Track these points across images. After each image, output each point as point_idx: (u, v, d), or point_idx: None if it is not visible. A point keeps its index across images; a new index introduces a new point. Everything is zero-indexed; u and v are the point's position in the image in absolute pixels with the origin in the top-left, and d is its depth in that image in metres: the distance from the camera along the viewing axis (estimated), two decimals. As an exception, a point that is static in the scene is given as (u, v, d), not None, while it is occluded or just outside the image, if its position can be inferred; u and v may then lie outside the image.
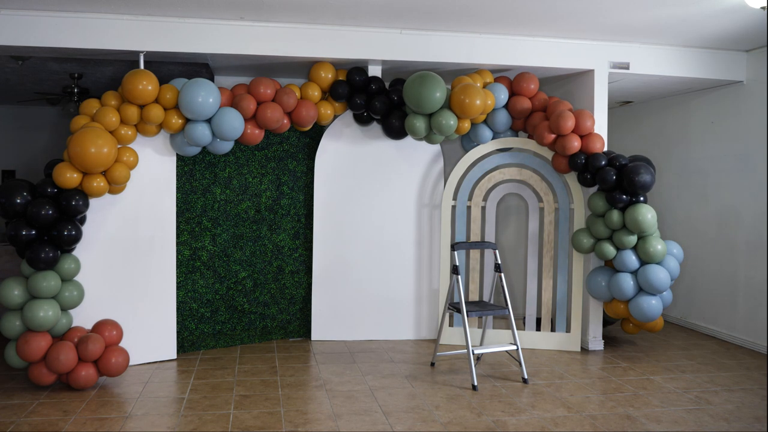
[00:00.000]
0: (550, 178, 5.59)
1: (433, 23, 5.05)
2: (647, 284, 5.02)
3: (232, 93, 4.98)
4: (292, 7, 4.60)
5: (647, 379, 4.76)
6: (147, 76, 4.56)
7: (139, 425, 3.74)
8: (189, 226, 5.28)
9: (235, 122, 4.78)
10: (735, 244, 5.90)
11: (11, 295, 4.22)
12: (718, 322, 6.09)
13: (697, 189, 6.39)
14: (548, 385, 4.56)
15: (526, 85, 5.47)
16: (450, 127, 5.14)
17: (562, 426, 3.79)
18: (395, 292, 5.78)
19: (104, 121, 4.49)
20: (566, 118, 5.13)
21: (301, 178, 5.76)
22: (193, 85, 4.62)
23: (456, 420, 3.86)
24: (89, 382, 4.32)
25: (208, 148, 4.95)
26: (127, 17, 4.75)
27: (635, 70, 5.62)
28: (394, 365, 5.01)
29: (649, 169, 5.01)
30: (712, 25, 5.01)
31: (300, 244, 5.78)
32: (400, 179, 5.76)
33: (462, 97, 5.04)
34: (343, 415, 3.93)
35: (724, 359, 5.32)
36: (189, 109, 4.60)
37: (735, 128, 5.94)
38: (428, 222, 5.81)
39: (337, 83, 5.32)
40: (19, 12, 4.59)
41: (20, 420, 3.80)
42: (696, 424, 3.86)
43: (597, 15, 4.81)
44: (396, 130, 5.46)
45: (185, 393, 4.31)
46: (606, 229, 5.20)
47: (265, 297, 5.67)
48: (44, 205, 4.22)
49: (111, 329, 4.50)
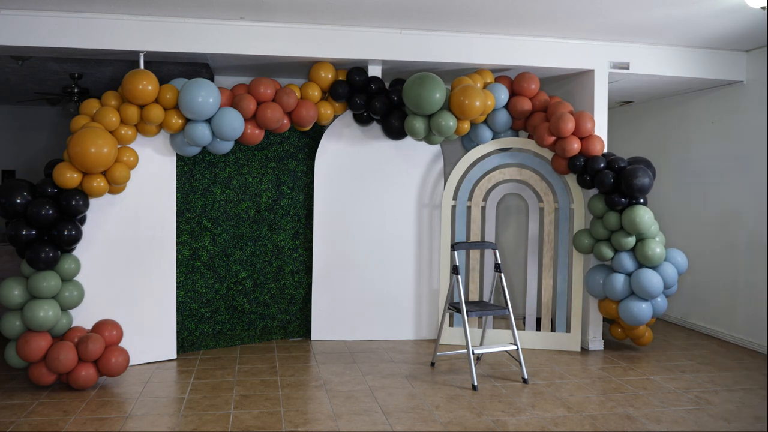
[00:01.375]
0: (550, 178, 5.59)
1: (433, 23, 5.05)
2: (639, 287, 5.02)
3: (232, 93, 4.98)
4: (292, 7, 4.60)
5: (647, 379, 4.76)
6: (147, 76, 4.56)
7: (139, 425, 3.74)
8: (189, 226, 5.28)
9: (235, 122, 4.78)
10: (735, 244, 5.89)
11: (11, 295, 4.22)
12: (719, 322, 6.09)
13: (697, 189, 6.39)
14: (548, 385, 4.56)
15: (526, 86, 5.47)
16: (449, 128, 5.14)
17: (562, 426, 3.79)
18: (395, 292, 5.78)
19: (104, 121, 4.49)
20: (566, 120, 5.13)
21: (301, 178, 5.76)
22: (193, 85, 4.62)
23: (456, 420, 3.86)
24: (89, 382, 4.32)
25: (208, 148, 4.95)
26: (127, 17, 4.75)
27: (635, 70, 5.62)
28: (394, 365, 5.01)
29: (647, 171, 5.01)
30: (712, 25, 5.01)
31: (300, 244, 5.78)
32: (400, 179, 5.75)
33: (461, 99, 5.03)
34: (343, 415, 3.93)
35: (724, 359, 5.32)
36: (189, 109, 4.60)
37: (735, 128, 5.94)
38: (428, 222, 5.81)
39: (337, 83, 5.32)
40: (19, 12, 4.59)
41: (20, 420, 3.80)
42: (696, 424, 3.86)
43: (597, 15, 4.81)
44: (396, 131, 5.46)
45: (185, 393, 4.31)
46: (605, 230, 5.21)
47: (265, 297, 5.67)
48: (44, 205, 4.22)
49: (111, 329, 4.50)
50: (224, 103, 4.86)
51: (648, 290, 4.98)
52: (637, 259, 5.12)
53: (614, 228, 5.13)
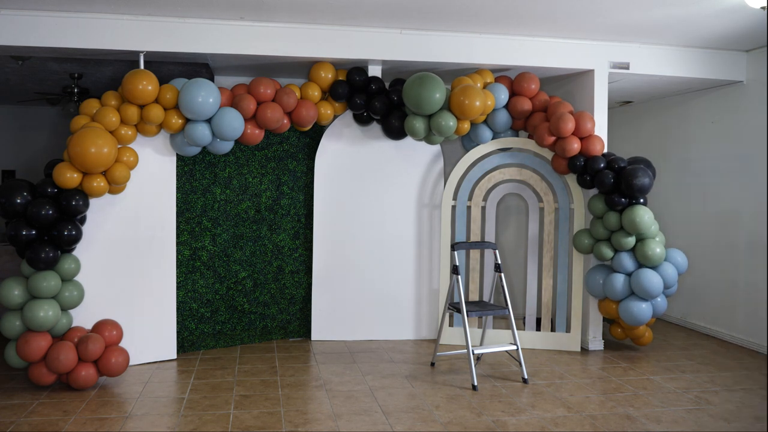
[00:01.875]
0: (549, 178, 5.59)
1: (433, 23, 5.05)
2: (639, 288, 5.02)
3: (232, 93, 4.98)
4: (292, 7, 4.60)
5: (647, 379, 4.75)
6: (147, 76, 4.56)
7: (139, 425, 3.74)
8: (189, 226, 5.28)
9: (235, 122, 4.78)
10: (735, 243, 5.89)
11: (11, 295, 4.22)
12: (719, 322, 6.09)
13: (697, 189, 6.39)
14: (548, 385, 4.56)
15: (526, 86, 5.47)
16: (449, 128, 5.14)
17: (562, 426, 3.79)
18: (395, 292, 5.78)
19: (104, 121, 4.49)
20: (566, 120, 5.13)
21: (301, 178, 5.76)
22: (193, 85, 4.62)
23: (456, 420, 3.86)
24: (89, 382, 4.32)
25: (208, 148, 4.95)
26: (127, 17, 4.75)
27: (635, 70, 5.62)
28: (394, 365, 5.01)
29: (647, 171, 5.01)
30: (712, 25, 5.01)
31: (300, 244, 5.78)
32: (400, 179, 5.75)
33: (461, 99, 5.03)
34: (343, 415, 3.93)
35: (724, 359, 5.32)
36: (189, 109, 4.60)
37: (735, 128, 5.94)
38: (428, 222, 5.81)
39: (337, 83, 5.32)
40: (19, 12, 4.59)
41: (20, 420, 3.80)
42: (696, 424, 3.86)
43: (597, 15, 4.81)
44: (396, 131, 5.46)
45: (185, 393, 4.31)
46: (605, 230, 5.21)
47: (265, 297, 5.67)
48: (44, 205, 4.22)
49: (111, 329, 4.50)
50: (224, 103, 4.86)
51: (648, 290, 4.98)
52: (637, 259, 5.12)
53: (614, 228, 5.13)
